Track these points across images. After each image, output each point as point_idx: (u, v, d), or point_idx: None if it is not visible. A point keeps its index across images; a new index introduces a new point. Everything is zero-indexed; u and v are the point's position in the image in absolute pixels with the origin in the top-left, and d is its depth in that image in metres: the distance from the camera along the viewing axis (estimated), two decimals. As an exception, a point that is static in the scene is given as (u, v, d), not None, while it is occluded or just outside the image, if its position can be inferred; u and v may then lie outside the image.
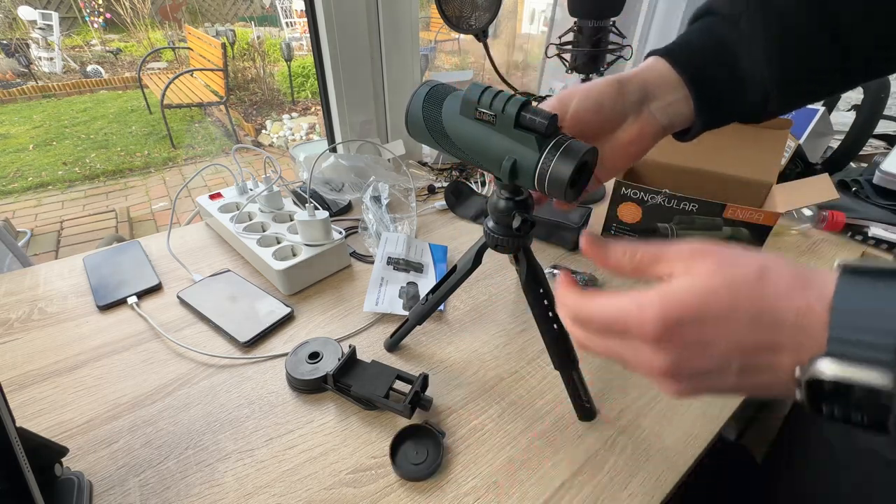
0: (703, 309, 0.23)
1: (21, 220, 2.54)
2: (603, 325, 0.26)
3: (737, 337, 0.22)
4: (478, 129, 0.33)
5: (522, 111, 0.30)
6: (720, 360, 0.23)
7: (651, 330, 0.23)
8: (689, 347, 0.23)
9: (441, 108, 0.34)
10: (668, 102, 0.34)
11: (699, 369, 0.24)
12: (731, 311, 0.22)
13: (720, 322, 0.22)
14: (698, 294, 0.23)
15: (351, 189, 0.84)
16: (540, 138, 0.30)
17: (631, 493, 0.41)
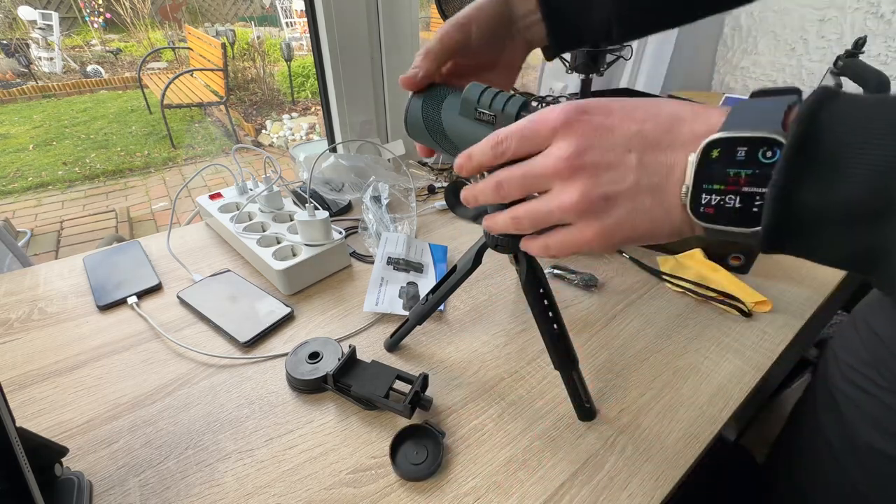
0: (609, 103, 0.25)
1: (21, 220, 2.54)
2: (519, 132, 0.27)
3: (639, 125, 0.24)
4: (477, 129, 0.33)
5: (522, 111, 0.31)
6: (621, 146, 0.24)
7: (561, 114, 0.25)
8: (594, 130, 0.24)
9: (440, 108, 0.35)
10: (529, 22, 0.37)
11: (603, 160, 0.24)
12: (634, 107, 0.24)
13: (624, 112, 0.24)
14: (608, 99, 0.25)
15: (351, 189, 0.84)
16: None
17: (631, 493, 0.41)
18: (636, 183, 0.24)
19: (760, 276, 0.69)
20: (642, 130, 0.24)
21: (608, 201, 0.25)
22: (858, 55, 0.97)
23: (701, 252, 0.69)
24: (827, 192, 0.19)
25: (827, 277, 0.69)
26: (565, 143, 0.25)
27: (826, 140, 0.19)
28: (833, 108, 0.19)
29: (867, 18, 1.30)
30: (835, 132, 0.19)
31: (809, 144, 0.19)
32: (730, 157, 0.21)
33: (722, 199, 0.22)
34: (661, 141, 0.23)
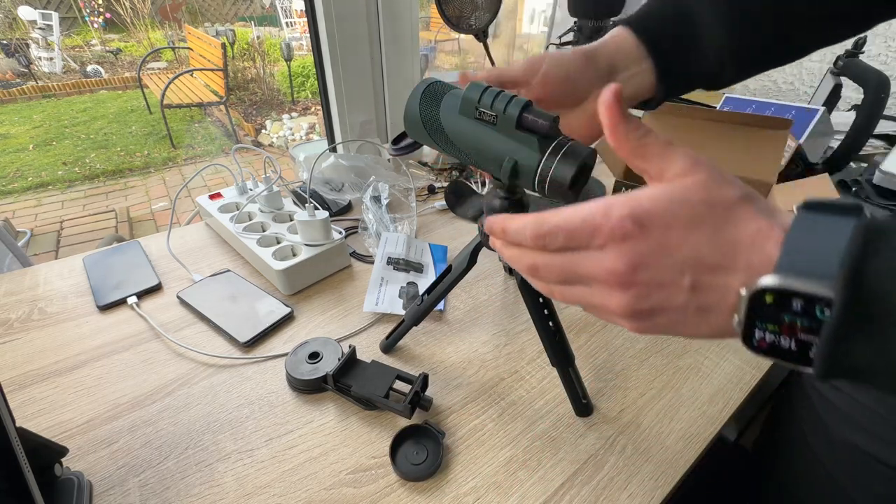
0: (671, 214, 0.23)
1: (21, 220, 2.54)
2: (568, 235, 0.24)
3: (697, 249, 0.22)
4: (478, 129, 0.32)
5: (524, 112, 0.30)
6: (675, 270, 0.23)
7: (619, 224, 0.23)
8: (651, 250, 0.23)
9: (439, 107, 0.34)
10: (632, 73, 0.35)
11: (655, 279, 0.23)
12: (699, 222, 0.22)
13: (685, 230, 0.23)
14: (671, 200, 0.23)
15: (351, 189, 0.84)
16: (541, 140, 0.30)
17: (631, 493, 0.41)
18: (686, 303, 0.23)
19: (760, 276, 0.69)
20: (699, 255, 0.22)
21: (653, 312, 0.24)
22: (858, 55, 0.97)
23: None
24: (878, 354, 0.19)
25: (827, 277, 0.69)
26: (618, 258, 0.23)
27: (873, 304, 0.18)
28: (879, 264, 0.18)
29: (867, 18, 1.29)
30: (881, 295, 0.18)
31: (858, 308, 0.19)
32: (785, 306, 0.20)
33: (776, 338, 0.21)
34: (718, 266, 0.22)
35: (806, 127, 0.89)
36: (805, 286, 0.19)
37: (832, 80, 1.03)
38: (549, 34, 1.83)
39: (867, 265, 0.18)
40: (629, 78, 0.35)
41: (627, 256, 0.23)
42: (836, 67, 0.99)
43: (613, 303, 0.24)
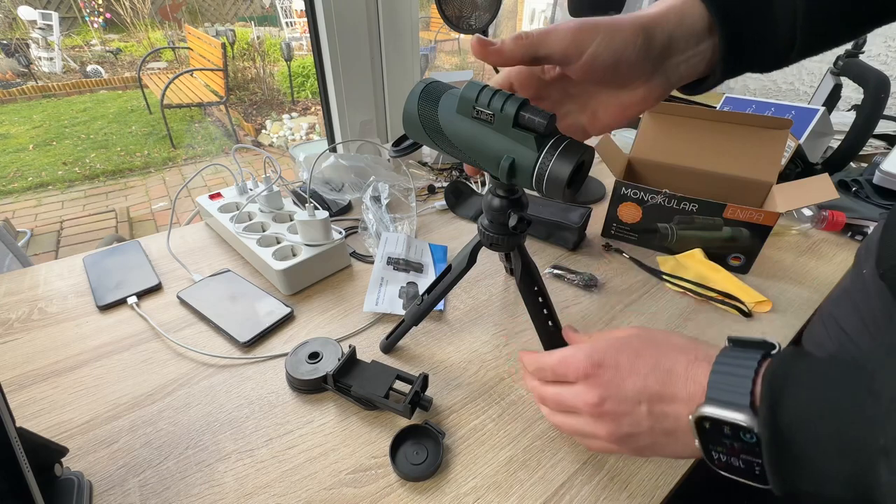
0: (618, 355, 0.30)
1: (21, 220, 2.54)
2: (552, 370, 0.34)
3: (644, 378, 0.29)
4: (475, 128, 0.32)
5: (521, 110, 0.30)
6: (632, 399, 0.29)
7: (581, 369, 0.31)
8: (608, 383, 0.30)
9: (437, 106, 0.34)
10: (689, 55, 0.30)
11: (618, 406, 0.30)
12: (637, 357, 0.29)
13: (630, 364, 0.29)
14: (617, 343, 0.31)
15: (351, 189, 0.84)
16: (538, 138, 0.30)
17: (631, 493, 0.41)
18: (651, 427, 0.29)
19: (760, 276, 0.69)
20: (646, 386, 0.29)
21: (631, 437, 0.30)
22: (858, 55, 0.97)
23: (701, 252, 0.69)
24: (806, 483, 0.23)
25: (827, 277, 0.69)
26: (588, 392, 0.31)
27: (790, 445, 0.23)
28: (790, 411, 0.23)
29: (867, 18, 1.29)
30: (795, 439, 0.22)
31: (778, 443, 0.23)
32: (720, 432, 0.25)
33: (727, 459, 0.26)
34: (664, 395, 0.28)
35: (806, 127, 0.89)
36: (729, 416, 0.24)
37: (832, 80, 1.03)
38: (549, 34, 1.83)
39: (779, 408, 0.23)
40: (682, 62, 0.30)
41: (595, 390, 0.30)
42: (836, 67, 0.99)
43: (600, 431, 0.31)
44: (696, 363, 0.27)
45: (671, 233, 0.70)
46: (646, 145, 0.76)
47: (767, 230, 0.64)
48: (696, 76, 0.31)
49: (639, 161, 0.77)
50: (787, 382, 0.23)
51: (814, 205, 0.75)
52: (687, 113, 0.73)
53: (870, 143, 1.05)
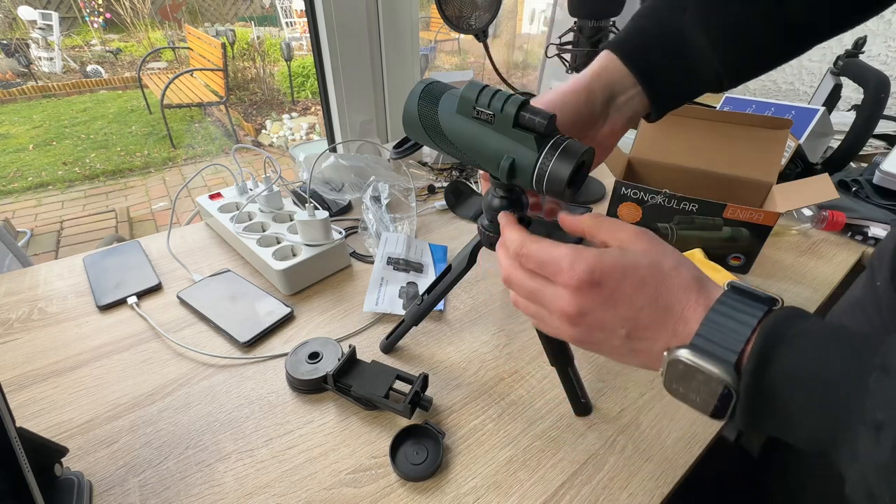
0: (620, 278, 0.28)
1: (21, 220, 2.53)
2: (538, 263, 0.30)
3: (635, 309, 0.28)
4: (475, 128, 0.32)
5: (521, 110, 0.30)
6: (616, 322, 0.28)
7: (578, 276, 0.28)
8: (598, 304, 0.28)
9: (437, 106, 0.34)
10: (628, 97, 0.36)
11: (597, 323, 0.29)
12: (640, 288, 0.28)
13: (631, 293, 0.28)
14: (626, 263, 0.28)
15: (351, 189, 0.84)
16: (539, 138, 0.30)
17: (631, 493, 0.41)
18: (620, 346, 0.29)
19: (761, 276, 0.69)
20: (637, 317, 0.28)
21: (594, 346, 0.31)
22: (858, 55, 0.97)
23: (701, 252, 0.69)
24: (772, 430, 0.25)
25: (827, 278, 0.69)
26: (570, 302, 0.29)
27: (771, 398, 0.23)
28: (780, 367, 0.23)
29: (867, 18, 1.29)
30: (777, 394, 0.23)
31: (759, 394, 0.23)
32: (691, 376, 0.26)
33: (686, 393, 0.27)
34: (650, 327, 0.28)
35: (806, 127, 0.89)
36: (707, 367, 0.25)
37: (832, 80, 1.03)
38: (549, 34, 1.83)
39: (767, 368, 0.23)
40: (627, 101, 0.36)
41: (577, 304, 0.29)
42: (836, 67, 0.99)
43: (564, 332, 0.31)
44: (696, 306, 0.27)
45: (671, 233, 0.70)
46: (646, 145, 0.76)
47: (767, 230, 0.64)
48: (645, 111, 0.37)
49: (639, 161, 0.77)
50: (784, 340, 0.23)
51: (814, 205, 0.75)
52: (687, 113, 0.73)
53: (870, 143, 1.05)
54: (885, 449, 0.19)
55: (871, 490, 0.20)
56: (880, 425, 0.19)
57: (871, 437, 0.19)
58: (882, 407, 0.19)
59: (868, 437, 0.20)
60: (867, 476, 0.20)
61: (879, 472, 0.19)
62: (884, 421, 0.19)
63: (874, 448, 0.19)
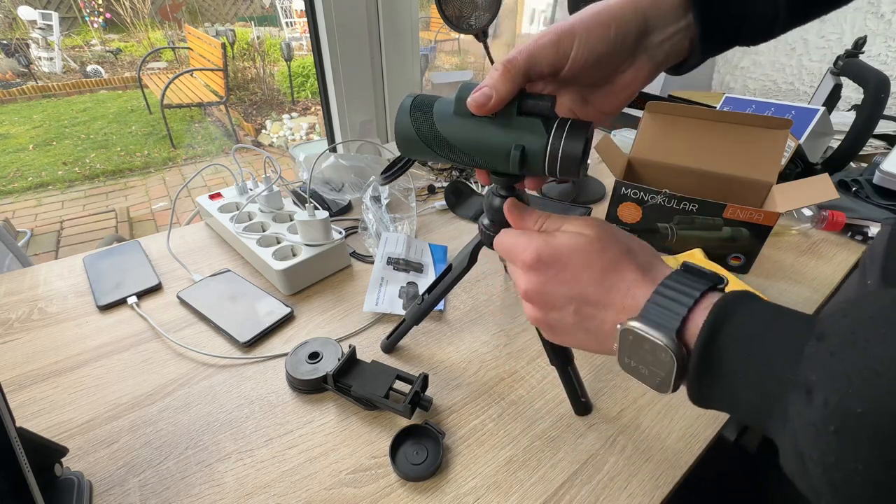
0: (567, 260, 0.30)
1: (21, 220, 2.53)
2: (505, 250, 0.35)
3: (581, 286, 0.30)
4: (477, 126, 0.32)
5: (524, 99, 0.30)
6: (564, 299, 0.31)
7: (527, 258, 0.31)
8: (546, 281, 0.31)
9: (432, 115, 0.34)
10: (666, 35, 0.30)
11: (548, 301, 0.31)
12: (587, 268, 0.30)
13: (576, 272, 0.30)
14: (570, 248, 0.30)
15: (351, 189, 0.84)
16: (545, 121, 0.30)
17: (631, 493, 0.41)
18: (574, 325, 0.31)
19: (761, 276, 0.69)
20: (583, 293, 0.30)
21: (552, 327, 0.33)
22: (858, 55, 0.97)
23: (701, 252, 0.69)
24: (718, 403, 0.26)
25: (827, 278, 0.69)
26: (524, 280, 0.32)
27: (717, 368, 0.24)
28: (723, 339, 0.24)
29: (867, 18, 1.30)
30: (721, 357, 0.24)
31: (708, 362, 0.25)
32: (639, 346, 0.27)
33: (637, 366, 0.28)
34: (598, 302, 0.30)
35: (806, 127, 0.89)
36: (654, 334, 0.26)
37: (832, 80, 1.03)
38: (549, 34, 1.83)
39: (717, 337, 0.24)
40: (662, 41, 0.30)
41: (528, 281, 0.32)
42: (836, 67, 0.99)
43: (529, 314, 0.34)
44: (642, 282, 0.28)
45: (671, 233, 0.70)
46: (646, 145, 0.76)
47: (767, 230, 0.64)
48: (682, 54, 0.31)
49: (639, 161, 0.77)
50: (734, 313, 0.24)
51: (814, 205, 0.75)
52: (687, 113, 0.73)
53: (870, 143, 1.05)
54: (815, 409, 0.20)
55: (800, 450, 0.21)
56: (811, 386, 0.20)
57: (802, 398, 0.20)
58: (814, 370, 0.20)
59: (799, 399, 0.20)
60: (797, 438, 0.21)
61: (807, 431, 0.20)
62: (815, 381, 0.20)
63: (805, 409, 0.20)
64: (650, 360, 0.27)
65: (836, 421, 0.19)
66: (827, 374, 0.20)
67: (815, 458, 0.20)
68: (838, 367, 0.19)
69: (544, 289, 0.31)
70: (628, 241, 0.31)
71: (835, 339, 0.20)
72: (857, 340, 0.19)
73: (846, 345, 0.20)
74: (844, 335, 0.20)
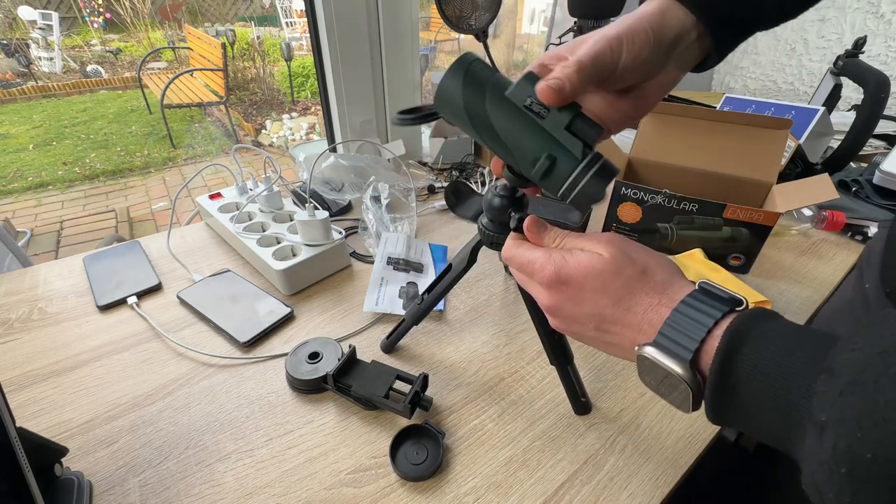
0: (583, 281, 0.31)
1: (21, 220, 2.53)
2: (518, 265, 0.35)
3: (599, 308, 0.31)
4: (522, 118, 0.31)
5: (578, 117, 0.30)
6: (584, 317, 0.32)
7: (545, 278, 0.32)
8: (566, 300, 0.32)
9: (485, 88, 0.32)
10: (689, 42, 0.32)
11: (569, 316, 0.33)
12: (602, 290, 0.30)
13: (593, 294, 0.31)
14: (586, 270, 0.31)
15: (351, 189, 0.84)
16: (585, 148, 0.30)
17: (631, 493, 0.41)
18: (595, 337, 0.32)
19: (761, 276, 0.69)
20: (602, 313, 0.31)
21: (574, 335, 0.34)
22: (858, 55, 0.97)
23: (701, 252, 0.69)
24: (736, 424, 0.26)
25: (827, 278, 0.69)
26: (546, 296, 0.33)
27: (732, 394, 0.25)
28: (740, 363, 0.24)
29: (867, 18, 1.30)
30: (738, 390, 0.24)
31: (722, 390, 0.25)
32: (654, 370, 0.28)
33: (657, 386, 0.29)
34: (617, 321, 0.30)
35: (806, 127, 0.89)
36: (667, 363, 0.27)
37: (832, 80, 1.03)
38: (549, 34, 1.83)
39: (730, 366, 0.24)
40: (687, 48, 0.32)
41: (550, 299, 0.33)
42: (836, 67, 0.99)
43: (550, 321, 0.35)
44: (658, 307, 0.28)
45: (671, 233, 0.70)
46: (646, 145, 0.76)
47: (767, 230, 0.64)
48: (700, 57, 0.33)
49: (639, 161, 0.77)
50: (748, 339, 0.24)
51: (814, 205, 0.75)
52: (687, 113, 0.73)
53: (870, 143, 1.05)
54: (825, 449, 0.20)
55: (818, 485, 0.21)
56: (823, 426, 0.20)
57: (815, 436, 0.20)
58: (825, 409, 0.20)
59: (813, 436, 0.21)
60: (813, 472, 0.21)
61: (821, 469, 0.20)
62: (826, 422, 0.20)
63: (818, 447, 0.20)
64: (667, 383, 0.28)
65: (846, 464, 0.19)
66: (836, 416, 0.20)
67: (830, 497, 0.20)
68: (847, 410, 0.19)
69: (564, 306, 0.32)
70: (645, 261, 0.31)
71: (844, 376, 0.20)
72: (867, 382, 0.19)
73: (856, 385, 0.20)
74: (854, 374, 0.20)
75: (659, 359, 0.27)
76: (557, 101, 0.30)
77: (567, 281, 0.31)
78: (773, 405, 0.23)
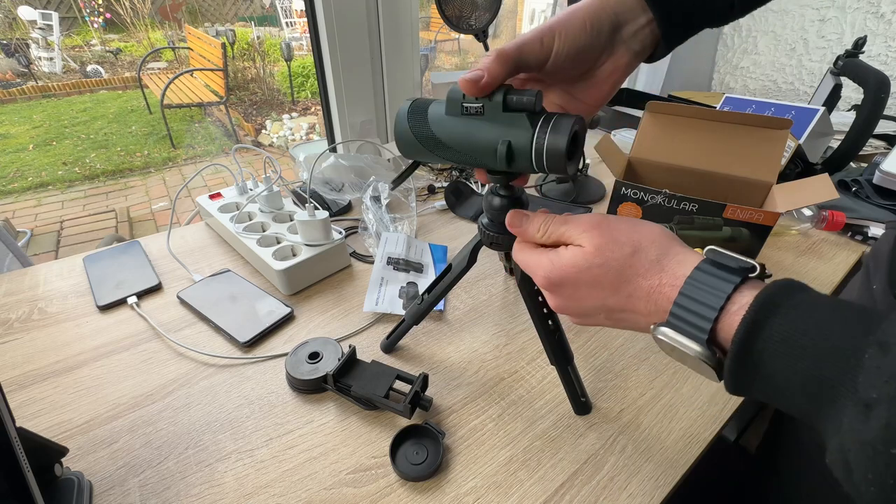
0: (575, 280, 0.31)
1: (21, 220, 2.53)
2: (524, 269, 0.36)
3: (600, 300, 0.31)
4: (467, 124, 0.33)
5: (508, 94, 0.31)
6: (591, 310, 0.32)
7: (541, 284, 0.33)
8: (566, 299, 0.33)
9: (426, 116, 0.35)
10: (637, 27, 0.32)
11: (577, 313, 0.33)
12: (597, 283, 0.30)
13: (588, 289, 0.31)
14: (576, 267, 0.31)
15: (351, 189, 0.84)
16: (530, 115, 0.31)
17: (631, 493, 0.41)
18: (611, 324, 0.33)
19: (760, 276, 0.69)
20: (605, 304, 0.31)
21: (592, 325, 0.34)
22: (858, 55, 0.97)
23: (701, 251, 0.69)
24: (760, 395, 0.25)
25: (827, 278, 0.69)
26: (549, 296, 0.34)
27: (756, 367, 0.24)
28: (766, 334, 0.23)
29: (867, 18, 1.30)
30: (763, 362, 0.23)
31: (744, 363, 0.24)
32: (672, 350, 0.28)
33: (680, 359, 0.28)
34: (623, 309, 0.30)
35: (806, 127, 0.89)
36: (684, 342, 0.26)
37: (832, 80, 1.03)
38: (549, 34, 1.83)
39: (755, 340, 0.23)
40: (635, 33, 0.32)
41: (553, 301, 0.34)
42: (835, 67, 0.99)
43: (569, 319, 0.35)
44: (661, 288, 0.28)
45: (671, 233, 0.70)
46: (646, 145, 0.76)
47: (767, 230, 0.64)
48: (654, 44, 0.34)
49: (639, 161, 0.77)
50: (779, 310, 0.23)
51: (814, 205, 0.75)
52: (687, 113, 0.73)
53: (870, 143, 1.05)
54: (872, 428, 0.19)
55: (849, 463, 0.20)
56: (872, 403, 0.19)
57: (859, 413, 0.19)
58: (876, 385, 0.19)
59: (856, 414, 0.19)
60: (847, 450, 0.20)
61: (863, 449, 0.19)
62: (877, 399, 0.19)
63: (861, 425, 0.19)
64: (689, 359, 0.27)
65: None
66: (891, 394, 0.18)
67: (868, 478, 0.19)
68: None
69: (568, 305, 0.33)
70: (634, 240, 0.30)
71: None
72: None
73: None
74: None
75: (674, 338, 0.27)
76: (479, 91, 0.31)
77: (560, 283, 0.32)
78: (801, 379, 0.22)
